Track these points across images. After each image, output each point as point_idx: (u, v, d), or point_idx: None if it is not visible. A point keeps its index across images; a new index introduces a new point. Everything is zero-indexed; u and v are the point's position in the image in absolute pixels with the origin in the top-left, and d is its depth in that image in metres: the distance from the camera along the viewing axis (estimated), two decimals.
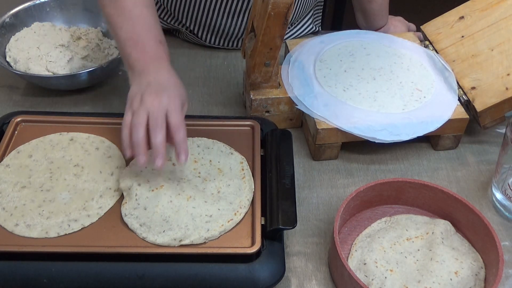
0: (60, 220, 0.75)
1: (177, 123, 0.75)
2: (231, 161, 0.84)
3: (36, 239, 0.73)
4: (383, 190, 0.83)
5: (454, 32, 1.04)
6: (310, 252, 0.81)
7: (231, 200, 0.78)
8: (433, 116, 0.92)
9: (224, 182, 0.81)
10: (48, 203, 0.78)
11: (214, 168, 0.83)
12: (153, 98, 0.75)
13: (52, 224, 0.75)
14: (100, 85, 1.06)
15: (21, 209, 0.76)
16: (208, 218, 0.75)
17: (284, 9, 0.81)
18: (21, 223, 0.75)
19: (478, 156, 0.97)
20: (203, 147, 0.86)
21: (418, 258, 0.76)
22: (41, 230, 0.74)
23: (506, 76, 0.93)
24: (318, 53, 1.02)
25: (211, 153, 0.85)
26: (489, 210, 0.88)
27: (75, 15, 1.12)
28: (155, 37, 0.82)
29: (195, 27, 1.13)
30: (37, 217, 0.76)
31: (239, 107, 1.03)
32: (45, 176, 0.81)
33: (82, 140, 0.87)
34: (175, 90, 0.78)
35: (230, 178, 0.81)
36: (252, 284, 0.70)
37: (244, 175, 0.82)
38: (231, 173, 0.82)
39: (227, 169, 0.83)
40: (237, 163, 0.84)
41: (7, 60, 1.03)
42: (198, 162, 0.83)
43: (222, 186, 0.80)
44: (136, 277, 0.70)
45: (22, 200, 0.78)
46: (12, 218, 0.75)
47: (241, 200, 0.78)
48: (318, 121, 0.90)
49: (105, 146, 0.86)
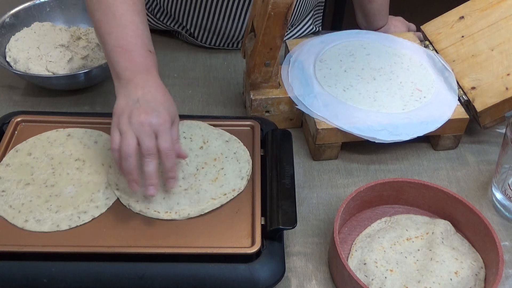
0: (69, 213, 0.76)
1: (166, 148, 0.74)
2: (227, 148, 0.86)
3: (47, 234, 0.74)
4: (383, 190, 0.83)
5: (454, 32, 1.04)
6: (310, 252, 0.81)
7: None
8: (433, 116, 0.92)
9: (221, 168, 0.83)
10: (55, 197, 0.78)
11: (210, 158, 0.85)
12: (143, 119, 0.73)
13: (62, 218, 0.76)
14: (100, 85, 1.06)
15: (28, 206, 0.77)
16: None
17: (284, 9, 0.81)
18: (30, 218, 0.75)
19: (478, 156, 0.97)
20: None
21: (418, 258, 0.76)
22: (52, 224, 0.75)
23: (506, 76, 0.93)
24: (318, 53, 1.02)
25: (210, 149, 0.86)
26: (489, 210, 0.88)
27: (75, 15, 1.12)
28: (145, 46, 0.80)
29: (195, 30, 1.13)
30: (46, 211, 0.76)
31: (239, 107, 1.03)
32: (47, 172, 0.82)
33: (79, 135, 0.87)
34: (164, 107, 0.76)
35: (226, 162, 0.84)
36: (252, 284, 0.70)
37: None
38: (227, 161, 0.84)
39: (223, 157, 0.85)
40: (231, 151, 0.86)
41: (7, 60, 1.03)
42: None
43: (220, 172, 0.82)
44: (136, 277, 0.70)
45: (28, 197, 0.78)
46: (21, 215, 0.76)
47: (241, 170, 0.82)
48: (318, 121, 0.90)
49: (104, 139, 0.87)
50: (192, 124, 0.89)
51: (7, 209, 0.76)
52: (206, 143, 0.86)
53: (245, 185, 0.81)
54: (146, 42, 0.80)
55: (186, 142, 0.86)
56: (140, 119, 0.73)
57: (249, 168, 0.83)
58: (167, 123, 0.74)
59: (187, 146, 0.85)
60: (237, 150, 0.85)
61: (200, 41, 1.15)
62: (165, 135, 0.74)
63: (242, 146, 0.86)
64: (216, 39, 1.14)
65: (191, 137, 0.87)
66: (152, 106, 0.75)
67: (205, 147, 0.85)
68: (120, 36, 0.79)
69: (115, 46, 0.79)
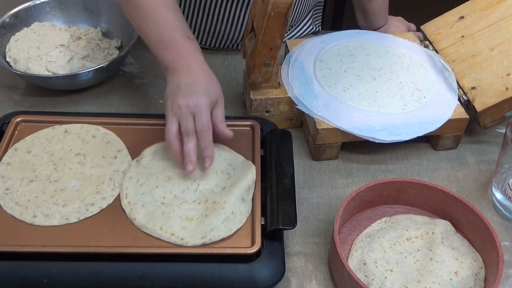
0: (77, 206, 0.77)
1: (201, 127, 0.78)
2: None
3: (56, 227, 0.74)
4: (383, 190, 0.83)
5: (454, 32, 1.04)
6: (310, 252, 0.81)
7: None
8: (433, 116, 0.92)
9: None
10: (60, 192, 0.79)
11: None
12: (180, 102, 0.78)
13: (70, 211, 0.76)
14: (100, 85, 1.06)
15: (35, 201, 0.77)
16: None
17: (284, 9, 0.81)
18: (38, 214, 0.76)
19: (478, 156, 0.97)
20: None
21: (418, 258, 0.76)
22: (61, 217, 0.75)
23: (506, 76, 0.93)
24: (318, 53, 1.02)
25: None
26: (489, 210, 0.88)
27: (75, 15, 1.12)
28: (184, 35, 0.85)
29: (194, 32, 1.13)
30: (53, 206, 0.77)
31: (239, 107, 1.03)
32: (49, 168, 0.82)
33: (77, 131, 0.88)
34: (203, 89, 0.80)
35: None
36: (252, 284, 0.70)
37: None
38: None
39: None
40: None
41: (7, 60, 1.03)
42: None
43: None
44: (136, 277, 0.70)
45: (33, 193, 0.78)
46: (28, 211, 0.76)
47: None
48: (318, 121, 0.90)
49: (101, 133, 0.87)
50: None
51: (14, 206, 0.77)
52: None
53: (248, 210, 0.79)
54: (183, 31, 0.86)
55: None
56: (178, 103, 0.79)
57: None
58: (203, 104, 0.79)
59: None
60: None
61: (200, 43, 1.15)
62: (200, 115, 0.78)
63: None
64: (216, 41, 1.14)
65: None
66: (190, 89, 0.80)
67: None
68: (159, 33, 0.85)
69: (157, 43, 0.85)
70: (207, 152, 0.80)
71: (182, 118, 0.78)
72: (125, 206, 0.77)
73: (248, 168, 0.82)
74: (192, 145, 0.79)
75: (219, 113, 0.82)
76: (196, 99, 0.78)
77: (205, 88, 0.81)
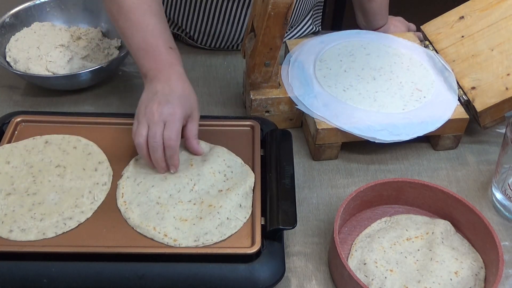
0: (54, 220, 0.75)
1: (169, 136, 0.78)
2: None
3: (36, 241, 0.73)
4: (383, 190, 0.83)
5: (454, 32, 1.04)
6: (310, 252, 0.81)
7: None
8: (433, 116, 0.92)
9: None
10: (38, 205, 0.77)
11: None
12: (154, 109, 0.78)
13: (47, 225, 0.74)
14: (100, 85, 1.06)
15: (11, 216, 0.75)
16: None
17: (284, 9, 0.81)
18: (15, 228, 0.74)
19: (478, 156, 0.97)
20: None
21: (418, 258, 0.76)
22: (37, 232, 0.74)
23: (506, 76, 0.93)
24: (318, 53, 1.02)
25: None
26: (489, 210, 0.88)
27: (75, 15, 1.12)
28: (165, 44, 0.84)
29: (194, 33, 1.13)
30: (30, 220, 0.75)
31: (239, 107, 1.03)
32: (28, 180, 0.80)
33: (57, 141, 0.86)
34: (179, 100, 0.80)
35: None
36: (252, 284, 0.70)
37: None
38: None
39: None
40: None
41: (7, 60, 1.03)
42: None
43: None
44: (136, 277, 0.70)
45: (10, 207, 0.76)
46: (4, 225, 0.74)
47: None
48: (318, 121, 0.90)
49: (83, 144, 0.86)
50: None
51: None
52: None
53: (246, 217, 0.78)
54: (166, 40, 0.85)
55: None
56: (153, 109, 0.78)
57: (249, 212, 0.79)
58: (177, 114, 0.79)
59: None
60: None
61: (200, 44, 1.16)
62: (171, 124, 0.78)
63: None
64: (216, 41, 1.14)
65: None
66: (167, 98, 0.79)
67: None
68: (141, 39, 0.84)
69: (138, 50, 0.84)
70: (173, 161, 0.80)
71: (153, 124, 0.78)
72: (120, 205, 0.77)
73: (246, 174, 0.82)
74: (159, 154, 0.79)
75: (193, 128, 0.82)
76: (171, 108, 0.78)
77: (182, 100, 0.80)
